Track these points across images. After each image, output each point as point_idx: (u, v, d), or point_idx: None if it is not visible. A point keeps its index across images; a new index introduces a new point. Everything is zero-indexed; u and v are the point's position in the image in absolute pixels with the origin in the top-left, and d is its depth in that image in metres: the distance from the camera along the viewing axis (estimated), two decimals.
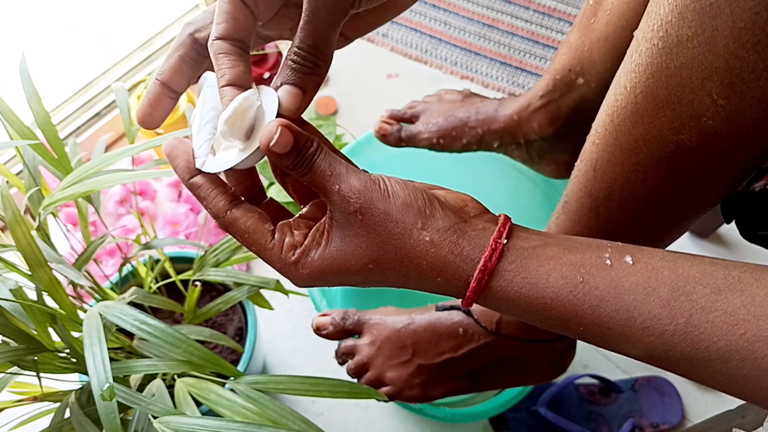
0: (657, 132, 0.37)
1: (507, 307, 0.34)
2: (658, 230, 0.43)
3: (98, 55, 1.07)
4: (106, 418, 0.41)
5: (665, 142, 0.36)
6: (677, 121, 0.35)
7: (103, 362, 0.42)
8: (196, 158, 0.36)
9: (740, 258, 0.97)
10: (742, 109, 0.33)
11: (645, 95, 0.36)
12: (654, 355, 0.32)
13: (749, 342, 0.29)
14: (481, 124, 0.64)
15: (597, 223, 0.44)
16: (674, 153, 0.37)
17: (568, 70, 0.58)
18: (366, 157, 0.76)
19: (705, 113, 0.34)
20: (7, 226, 0.44)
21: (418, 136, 0.66)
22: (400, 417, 0.84)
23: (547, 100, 0.61)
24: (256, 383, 0.50)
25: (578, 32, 0.57)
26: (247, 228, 0.34)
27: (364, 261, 0.33)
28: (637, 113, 0.37)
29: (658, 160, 0.38)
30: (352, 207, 0.32)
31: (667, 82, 0.35)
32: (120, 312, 0.46)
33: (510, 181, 0.79)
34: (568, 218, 0.46)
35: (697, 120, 0.34)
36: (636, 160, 0.39)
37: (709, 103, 0.33)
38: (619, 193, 0.41)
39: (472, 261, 0.33)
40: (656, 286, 0.31)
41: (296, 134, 0.32)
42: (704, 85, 0.33)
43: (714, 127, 0.34)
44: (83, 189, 0.46)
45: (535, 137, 0.63)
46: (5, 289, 0.46)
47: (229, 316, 0.74)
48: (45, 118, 0.55)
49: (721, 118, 0.34)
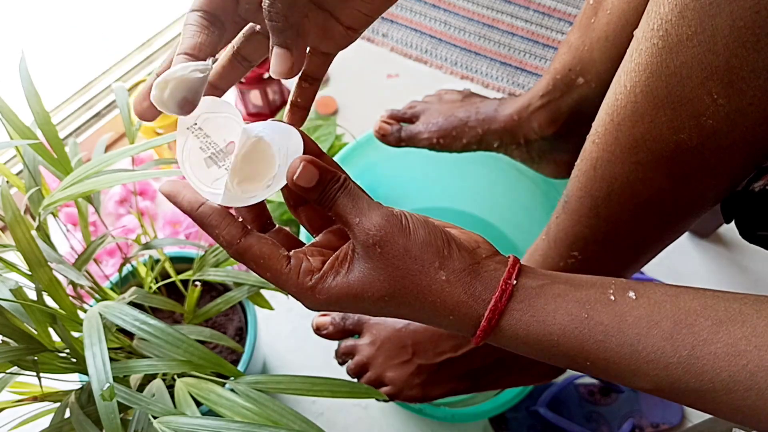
0: (657, 131, 0.37)
1: (516, 344, 0.35)
2: (658, 230, 0.43)
3: (98, 55, 1.07)
4: (106, 418, 0.41)
5: (665, 141, 0.36)
6: (677, 120, 0.35)
7: (103, 362, 0.42)
8: (209, 194, 0.36)
9: (740, 259, 0.97)
10: (742, 107, 0.33)
11: (645, 94, 0.36)
12: (661, 387, 0.32)
13: (752, 373, 0.29)
14: (481, 123, 0.64)
15: (597, 223, 0.44)
16: (674, 152, 0.37)
17: (569, 69, 0.58)
18: (366, 157, 0.76)
19: (705, 112, 0.34)
20: (7, 226, 0.44)
21: (418, 136, 0.66)
22: (400, 417, 0.84)
23: (547, 100, 0.61)
24: (256, 383, 0.50)
25: (578, 32, 0.57)
26: (262, 254, 0.35)
27: (380, 293, 0.34)
28: (637, 112, 0.37)
29: (658, 159, 0.38)
30: (372, 240, 0.33)
31: (667, 81, 0.35)
32: (120, 312, 0.46)
33: (510, 181, 0.79)
34: (568, 218, 0.46)
35: (697, 119, 0.34)
36: (636, 159, 0.39)
37: (709, 102, 0.34)
38: (618, 193, 0.41)
39: (484, 301, 0.34)
40: (659, 320, 0.32)
41: (321, 169, 0.34)
42: (704, 84, 0.33)
43: (714, 126, 0.34)
44: (83, 189, 0.46)
45: (535, 137, 0.63)
46: (5, 289, 0.46)
47: (229, 316, 0.74)
48: (45, 118, 0.55)
49: (721, 117, 0.34)
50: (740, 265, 0.97)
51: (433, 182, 0.86)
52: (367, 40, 1.20)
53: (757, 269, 0.97)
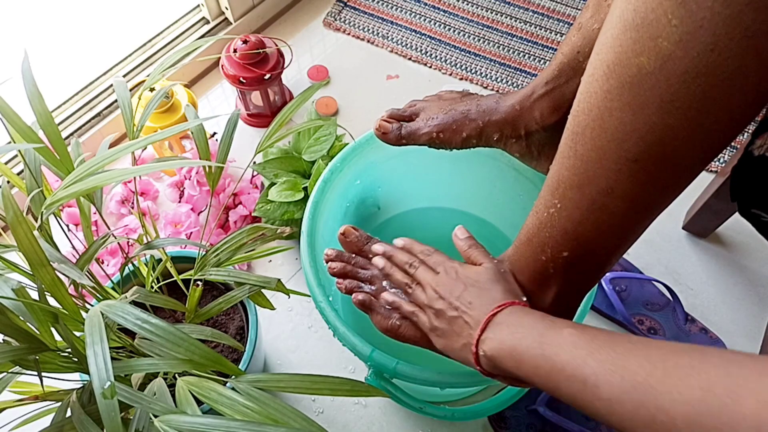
0: (624, 54, 0.38)
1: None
2: (624, 178, 0.42)
3: (100, 55, 1.07)
4: (107, 417, 0.41)
5: (629, 65, 0.38)
6: (639, 42, 0.37)
7: (104, 361, 0.41)
8: None
9: (739, 259, 0.97)
10: (692, 30, 0.34)
11: (618, 18, 0.38)
12: None
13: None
14: (481, 116, 0.64)
15: (574, 163, 0.44)
16: (636, 77, 0.38)
17: (577, 52, 0.58)
18: (366, 157, 0.76)
19: (661, 33, 0.36)
20: (8, 226, 0.44)
21: (417, 132, 0.65)
22: (400, 415, 0.84)
23: (552, 87, 0.60)
24: (257, 381, 0.50)
25: (590, 11, 0.57)
26: None
27: None
28: (611, 38, 0.39)
29: (622, 85, 0.39)
30: None
31: (635, 4, 0.37)
32: (122, 311, 0.46)
33: (509, 181, 0.79)
34: (556, 161, 0.46)
35: (654, 40, 0.36)
36: (607, 87, 0.40)
37: (665, 23, 0.35)
38: (592, 127, 0.42)
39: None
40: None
41: None
42: (662, 4, 0.35)
43: (668, 49, 0.36)
44: (86, 186, 0.46)
45: (536, 127, 0.62)
46: (7, 289, 0.46)
47: (230, 315, 0.74)
48: (47, 119, 0.55)
49: (674, 39, 0.35)
50: (739, 265, 0.97)
51: (433, 182, 0.86)
52: (368, 41, 1.20)
53: (757, 269, 0.97)
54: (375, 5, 1.25)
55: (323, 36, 1.21)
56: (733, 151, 1.06)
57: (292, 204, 0.88)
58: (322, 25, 1.22)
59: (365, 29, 1.22)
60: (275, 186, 0.88)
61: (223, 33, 1.14)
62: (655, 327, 0.90)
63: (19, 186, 0.58)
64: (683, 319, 0.90)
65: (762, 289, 0.95)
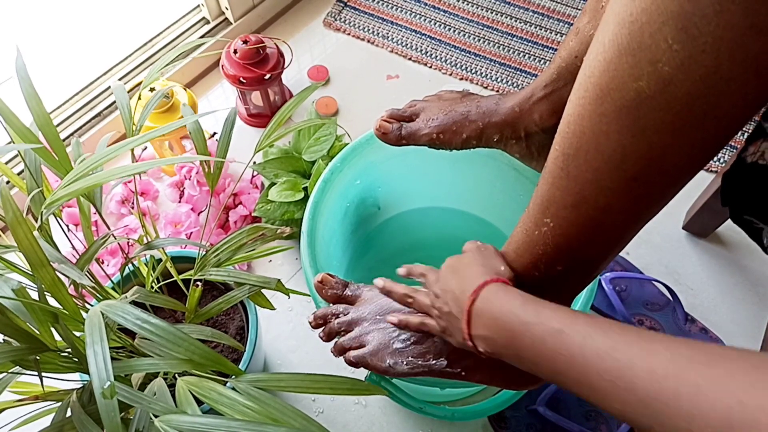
0: (620, 79, 0.37)
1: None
2: (622, 196, 0.42)
3: (101, 55, 1.07)
4: (107, 416, 0.41)
5: (626, 89, 0.37)
6: (637, 67, 0.36)
7: (104, 361, 0.41)
8: None
9: (739, 259, 0.97)
10: (694, 54, 0.34)
11: (611, 42, 0.37)
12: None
13: None
14: (481, 117, 0.64)
15: (567, 184, 0.44)
16: (634, 101, 0.37)
17: (575, 56, 0.58)
18: (366, 157, 0.76)
19: (661, 58, 0.35)
20: (8, 226, 0.44)
21: (417, 133, 0.65)
22: (400, 415, 0.84)
23: (550, 90, 0.60)
24: (257, 381, 0.50)
25: (588, 16, 0.57)
26: None
27: None
28: (604, 62, 0.38)
29: (620, 109, 0.38)
30: None
31: (630, 28, 0.36)
32: (122, 311, 0.46)
33: (509, 182, 0.79)
34: (544, 181, 0.46)
35: (654, 65, 0.35)
36: (602, 111, 0.39)
37: (665, 48, 0.34)
38: (586, 149, 0.41)
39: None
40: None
41: None
42: (661, 30, 0.34)
43: (669, 74, 0.35)
44: (86, 185, 0.46)
45: (535, 129, 0.62)
46: (7, 289, 0.46)
47: (230, 315, 0.74)
48: (45, 119, 0.55)
49: (675, 63, 0.34)
50: (739, 265, 0.97)
51: (433, 182, 0.86)
52: (368, 42, 1.20)
53: (757, 269, 0.97)
54: (375, 5, 1.25)
55: (323, 36, 1.21)
56: (733, 151, 1.06)
57: (292, 204, 0.88)
58: (322, 25, 1.22)
59: (365, 29, 1.22)
60: (275, 186, 0.88)
61: (223, 33, 1.14)
62: (655, 327, 0.90)
63: (19, 186, 0.58)
64: (683, 319, 0.90)
65: (762, 289, 0.95)
